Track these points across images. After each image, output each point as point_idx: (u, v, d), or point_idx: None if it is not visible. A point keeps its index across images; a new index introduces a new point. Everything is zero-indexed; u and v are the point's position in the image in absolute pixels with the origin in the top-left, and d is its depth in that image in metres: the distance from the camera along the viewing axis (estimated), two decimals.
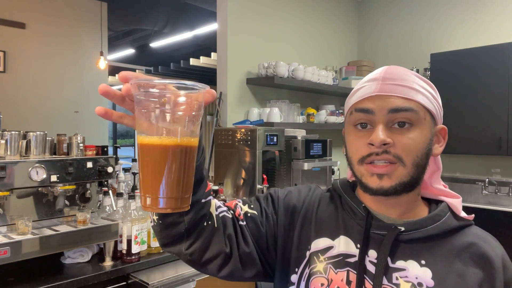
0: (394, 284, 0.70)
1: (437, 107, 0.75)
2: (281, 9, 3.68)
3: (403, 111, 0.70)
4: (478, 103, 3.42)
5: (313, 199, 0.85)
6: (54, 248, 1.63)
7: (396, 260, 0.72)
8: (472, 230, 0.76)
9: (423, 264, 0.71)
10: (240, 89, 3.30)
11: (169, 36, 7.15)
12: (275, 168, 2.93)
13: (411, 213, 0.76)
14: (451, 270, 0.70)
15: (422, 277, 0.70)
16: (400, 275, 0.71)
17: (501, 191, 3.49)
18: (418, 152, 0.71)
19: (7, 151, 1.70)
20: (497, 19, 3.65)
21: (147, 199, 0.57)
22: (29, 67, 4.91)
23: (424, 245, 0.72)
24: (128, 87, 0.56)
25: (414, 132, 0.70)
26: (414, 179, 0.72)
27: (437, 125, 0.76)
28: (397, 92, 0.71)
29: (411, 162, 0.70)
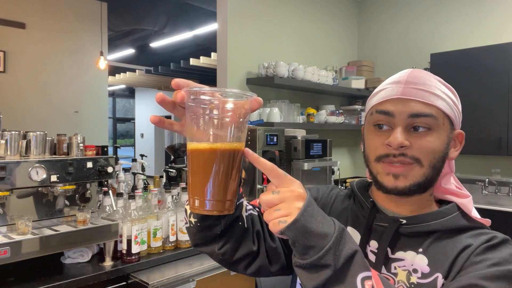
0: (393, 273, 0.73)
1: (456, 113, 0.76)
2: (281, 9, 3.68)
3: (423, 116, 0.71)
4: (478, 103, 3.42)
5: (330, 196, 0.90)
6: (54, 248, 1.63)
7: (396, 251, 0.75)
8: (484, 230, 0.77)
9: (420, 251, 0.73)
10: (240, 89, 3.30)
11: (169, 36, 7.15)
12: None
13: (421, 211, 0.78)
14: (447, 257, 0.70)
15: (418, 264, 0.72)
16: (398, 264, 0.73)
17: (501, 191, 3.49)
18: (435, 155, 0.73)
19: (7, 151, 1.70)
20: (497, 19, 3.65)
21: (195, 201, 0.59)
22: (29, 67, 4.91)
23: (424, 238, 0.74)
24: (182, 95, 0.58)
25: (431, 136, 0.72)
26: (428, 180, 0.74)
27: (455, 130, 0.77)
28: (418, 97, 0.72)
29: (428, 163, 0.72)
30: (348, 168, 4.47)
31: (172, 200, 2.08)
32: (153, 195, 1.98)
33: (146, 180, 2.43)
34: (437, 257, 0.71)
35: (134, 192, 1.94)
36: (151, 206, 1.99)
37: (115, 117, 14.45)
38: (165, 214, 2.02)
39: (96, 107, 5.59)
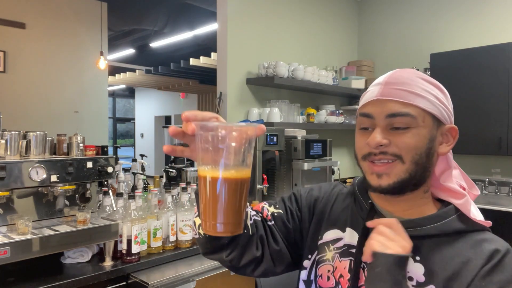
0: None
1: (442, 109, 0.76)
2: (281, 9, 3.68)
3: (400, 116, 0.73)
4: (478, 103, 3.42)
5: (332, 194, 0.93)
6: (54, 248, 1.62)
7: None
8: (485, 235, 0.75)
9: (417, 260, 0.73)
10: (240, 89, 3.30)
11: (169, 36, 7.14)
12: (275, 168, 2.93)
13: (417, 210, 0.78)
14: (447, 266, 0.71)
15: (414, 272, 0.72)
16: None
17: (501, 191, 3.49)
18: (417, 151, 0.74)
19: (7, 151, 1.70)
20: (497, 19, 3.65)
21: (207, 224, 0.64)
22: (29, 67, 4.91)
23: (421, 242, 0.74)
24: (192, 128, 0.63)
25: (410, 133, 0.73)
26: (413, 176, 0.74)
27: (444, 125, 0.77)
28: (396, 97, 0.74)
29: (410, 160, 0.74)
30: (348, 168, 4.47)
31: (172, 200, 2.08)
32: (153, 195, 1.98)
33: (146, 180, 2.43)
34: (434, 267, 0.72)
35: (134, 192, 1.94)
36: (151, 206, 1.99)
37: (115, 117, 14.45)
38: (165, 214, 2.02)
39: (96, 107, 5.59)
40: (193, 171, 2.76)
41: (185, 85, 8.92)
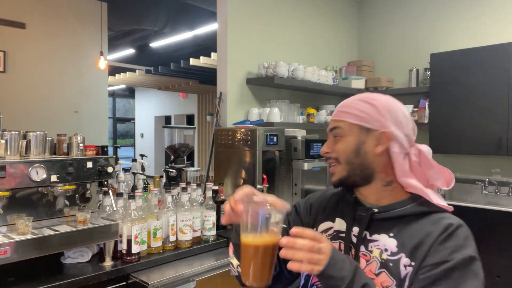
0: (369, 251, 0.95)
1: (369, 119, 0.96)
2: (281, 9, 3.68)
3: (334, 129, 1.01)
4: (478, 103, 3.42)
5: (325, 196, 1.14)
6: (54, 248, 1.62)
7: (372, 233, 0.96)
8: (445, 214, 0.96)
9: (391, 236, 0.94)
10: (240, 89, 3.30)
11: (169, 36, 7.14)
12: (275, 168, 2.93)
13: (388, 198, 0.99)
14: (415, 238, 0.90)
15: (389, 245, 0.92)
16: (374, 244, 0.95)
17: (501, 191, 3.49)
18: (347, 153, 0.98)
19: (7, 151, 1.70)
20: (497, 19, 3.65)
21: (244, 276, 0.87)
22: (29, 67, 4.91)
23: (394, 223, 0.95)
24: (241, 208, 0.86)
25: (341, 141, 0.99)
26: (352, 173, 0.98)
27: (376, 131, 0.96)
28: (335, 117, 1.02)
29: (343, 160, 0.98)
30: None
31: (172, 200, 2.08)
32: (153, 195, 1.98)
33: (146, 180, 2.43)
34: (403, 240, 0.91)
35: (134, 192, 1.94)
36: (151, 206, 1.98)
37: (115, 117, 14.45)
38: (165, 214, 2.02)
39: (96, 107, 5.59)
40: (193, 171, 2.76)
41: (185, 85, 8.92)
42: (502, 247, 3.05)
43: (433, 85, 3.71)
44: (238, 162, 2.75)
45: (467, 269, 0.84)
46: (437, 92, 3.67)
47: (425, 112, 3.78)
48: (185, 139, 2.94)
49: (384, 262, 0.91)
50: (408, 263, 0.88)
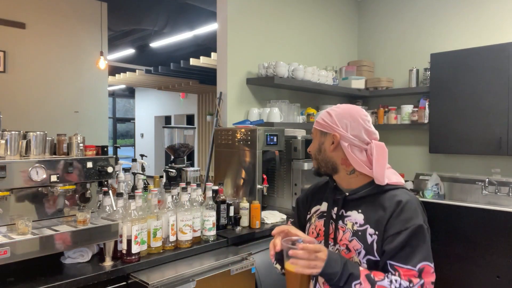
0: (345, 224, 1.26)
1: (325, 125, 1.30)
2: (281, 9, 3.68)
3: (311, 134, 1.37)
4: (478, 103, 3.42)
5: (317, 187, 1.48)
6: (54, 248, 1.62)
7: (347, 211, 1.28)
8: (397, 191, 1.24)
9: (359, 212, 1.25)
10: (240, 89, 3.30)
11: (169, 36, 7.14)
12: (275, 168, 2.93)
13: (355, 184, 1.29)
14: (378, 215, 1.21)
15: (357, 219, 1.24)
16: (348, 219, 1.27)
17: (501, 191, 3.49)
18: (314, 151, 1.35)
19: (7, 151, 1.70)
20: (497, 19, 3.65)
21: None
22: (29, 67, 4.92)
23: (361, 201, 1.26)
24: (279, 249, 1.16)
25: (312, 142, 1.36)
26: (320, 165, 1.34)
27: (330, 134, 1.29)
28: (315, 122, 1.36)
29: (313, 156, 1.36)
30: None
31: (172, 200, 2.08)
32: (153, 195, 1.98)
33: (146, 180, 2.43)
34: (368, 215, 1.23)
35: (134, 192, 1.94)
36: (151, 206, 1.99)
37: (115, 117, 14.45)
38: (165, 214, 2.02)
39: (96, 107, 5.59)
40: (192, 171, 2.76)
41: (185, 85, 8.92)
42: (502, 247, 3.05)
43: (433, 85, 3.71)
44: (238, 162, 2.75)
45: (419, 234, 1.16)
46: (437, 92, 3.67)
47: (425, 112, 3.78)
48: (185, 139, 2.94)
49: (355, 232, 1.23)
50: (372, 233, 1.20)
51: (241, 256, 2.10)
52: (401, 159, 4.27)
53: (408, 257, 1.13)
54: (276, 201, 2.99)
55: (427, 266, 1.13)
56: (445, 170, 3.91)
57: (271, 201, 3.01)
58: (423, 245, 1.15)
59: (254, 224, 2.50)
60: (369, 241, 1.19)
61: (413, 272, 1.12)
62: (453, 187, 3.79)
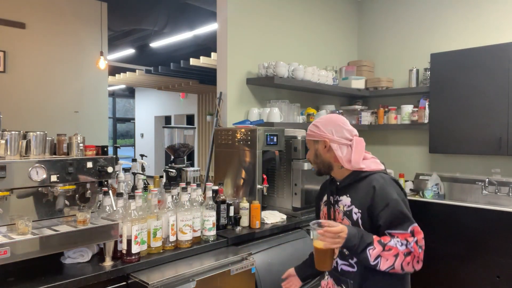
0: (339, 207, 1.61)
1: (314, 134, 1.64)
2: (281, 9, 3.68)
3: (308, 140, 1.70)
4: (478, 103, 3.42)
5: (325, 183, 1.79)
6: (54, 248, 1.63)
7: (340, 196, 1.61)
8: (374, 176, 1.56)
9: (348, 196, 1.59)
10: (240, 89, 3.30)
11: (169, 36, 7.14)
12: (275, 168, 2.93)
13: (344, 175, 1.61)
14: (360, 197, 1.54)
15: (346, 202, 1.58)
16: (340, 203, 1.60)
17: (501, 191, 3.49)
18: (312, 158, 1.68)
19: (7, 151, 1.70)
20: (497, 19, 3.65)
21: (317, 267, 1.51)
22: (29, 67, 4.92)
23: (349, 187, 1.60)
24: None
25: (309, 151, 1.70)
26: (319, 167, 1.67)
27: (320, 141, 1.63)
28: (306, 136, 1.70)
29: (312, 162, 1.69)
30: None
31: (172, 200, 2.08)
32: (153, 195, 1.98)
33: (146, 180, 2.43)
34: (353, 197, 1.56)
35: (134, 192, 1.94)
36: (151, 206, 1.99)
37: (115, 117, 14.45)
38: (165, 214, 2.02)
39: (96, 107, 5.59)
40: (192, 171, 2.76)
41: (185, 85, 8.92)
42: (502, 247, 3.05)
43: (433, 85, 3.71)
44: (238, 162, 2.75)
45: (398, 206, 1.48)
46: (437, 92, 3.67)
47: (425, 112, 3.78)
48: (185, 139, 2.94)
49: (345, 212, 1.57)
50: (357, 211, 1.54)
51: (241, 256, 2.10)
52: (401, 159, 4.27)
53: (399, 225, 1.46)
54: (276, 201, 2.99)
55: (415, 227, 1.47)
56: (445, 170, 3.91)
57: (271, 201, 3.01)
58: (405, 212, 1.47)
59: (254, 224, 2.50)
60: (354, 218, 1.53)
61: (407, 234, 1.45)
62: (453, 187, 3.79)
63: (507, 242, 3.03)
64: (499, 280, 3.05)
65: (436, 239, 3.40)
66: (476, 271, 3.17)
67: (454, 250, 3.29)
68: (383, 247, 1.41)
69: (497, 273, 3.07)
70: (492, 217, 3.11)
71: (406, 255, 1.41)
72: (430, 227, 3.47)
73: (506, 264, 3.02)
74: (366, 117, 4.19)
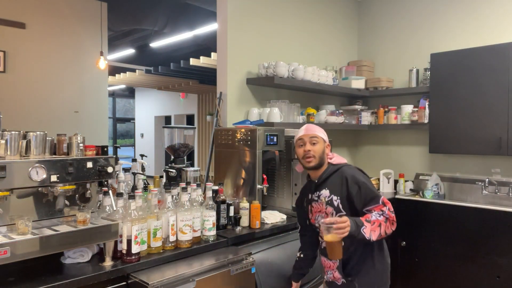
0: (320, 199, 1.96)
1: (325, 136, 2.01)
2: (281, 9, 3.68)
3: (314, 137, 1.96)
4: (478, 103, 3.42)
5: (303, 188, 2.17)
6: (54, 248, 1.63)
7: (320, 190, 1.98)
8: (343, 168, 1.95)
9: (326, 189, 1.95)
10: (240, 89, 3.30)
11: (169, 36, 7.14)
12: (275, 168, 2.93)
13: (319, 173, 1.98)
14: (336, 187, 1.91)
15: (325, 194, 1.94)
16: (321, 196, 1.96)
17: (501, 191, 3.49)
18: (319, 153, 1.95)
19: (7, 151, 1.70)
20: (497, 19, 3.65)
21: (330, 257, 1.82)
22: (29, 67, 4.92)
23: (325, 182, 1.96)
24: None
25: (317, 145, 1.96)
26: (319, 162, 1.95)
27: (326, 143, 2.00)
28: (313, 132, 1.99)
29: (317, 156, 1.95)
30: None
31: (172, 200, 2.08)
32: (153, 195, 1.98)
33: (146, 180, 2.43)
34: (331, 189, 1.93)
35: (134, 192, 1.94)
36: (151, 206, 1.99)
37: (115, 117, 14.45)
38: (165, 214, 2.02)
39: (96, 107, 5.59)
40: (192, 171, 2.76)
41: (185, 85, 8.92)
42: (502, 247, 3.05)
43: (433, 85, 3.71)
44: (238, 162, 2.75)
45: (365, 185, 1.86)
46: (437, 92, 3.67)
47: (425, 112, 3.78)
48: (185, 139, 2.94)
49: (327, 202, 1.93)
50: (336, 198, 1.90)
51: (241, 256, 2.10)
52: (401, 159, 4.27)
53: (372, 200, 1.83)
54: (276, 201, 2.99)
55: (383, 198, 1.85)
56: (445, 170, 3.91)
57: (271, 201, 3.01)
58: (373, 190, 1.87)
59: (254, 224, 2.50)
60: (335, 204, 1.90)
61: (380, 206, 1.82)
62: (453, 187, 3.80)
63: (507, 242, 3.03)
64: (499, 280, 3.06)
65: (436, 239, 3.41)
66: (476, 271, 3.17)
67: (454, 250, 3.30)
68: (370, 224, 1.75)
69: (497, 273, 3.07)
70: (492, 217, 3.11)
71: (385, 222, 1.79)
72: (430, 227, 3.48)
73: (506, 264, 3.02)
74: (366, 117, 4.19)
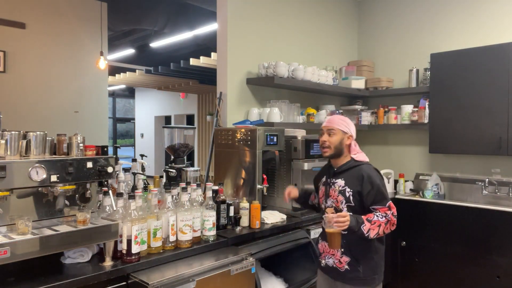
0: (335, 187, 2.09)
1: (345, 128, 2.09)
2: (281, 9, 3.68)
3: (331, 129, 2.09)
4: (478, 103, 3.42)
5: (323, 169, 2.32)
6: (54, 248, 1.63)
7: (335, 179, 2.11)
8: (362, 166, 2.07)
9: (342, 179, 2.08)
10: (240, 89, 3.30)
11: (169, 36, 7.14)
12: (275, 168, 2.93)
13: (340, 163, 2.12)
14: (352, 181, 2.05)
15: (341, 183, 2.08)
16: (336, 184, 2.09)
17: (501, 191, 3.49)
18: (335, 144, 2.08)
19: (7, 151, 1.70)
20: (497, 19, 3.65)
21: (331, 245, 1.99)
22: (29, 67, 4.92)
23: (343, 173, 2.10)
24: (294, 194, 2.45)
25: (334, 137, 2.09)
26: (334, 153, 2.09)
27: (347, 134, 2.09)
28: (330, 123, 2.11)
29: (333, 147, 2.08)
30: None
31: (172, 200, 2.08)
32: (153, 195, 1.98)
33: (146, 180, 2.43)
34: (346, 181, 2.06)
35: (134, 192, 1.94)
36: (151, 206, 1.99)
37: (115, 117, 14.45)
38: (165, 214, 2.02)
39: (96, 107, 5.59)
40: (192, 171, 2.76)
41: (185, 85, 8.91)
42: (502, 247, 3.05)
43: (433, 85, 3.71)
44: (238, 162, 2.75)
45: (380, 189, 2.00)
46: (437, 92, 3.67)
47: (425, 112, 3.78)
48: (185, 139, 2.94)
49: (340, 191, 2.06)
50: (349, 191, 2.04)
51: (241, 256, 2.10)
52: (401, 159, 4.27)
53: (379, 202, 1.99)
54: (276, 201, 2.99)
55: (390, 203, 2.01)
56: (445, 170, 3.91)
57: (271, 201, 3.01)
58: (384, 193, 2.01)
59: (254, 224, 2.50)
60: (347, 195, 2.04)
61: (385, 208, 1.98)
62: (453, 187, 3.79)
63: (507, 242, 3.03)
64: (499, 280, 3.06)
65: (436, 239, 3.40)
66: (476, 271, 3.17)
67: (454, 250, 3.30)
68: (370, 223, 1.93)
69: (497, 273, 3.07)
70: (492, 217, 3.11)
71: (386, 224, 1.96)
72: (430, 227, 3.48)
73: (506, 264, 3.02)
74: (366, 117, 4.19)
